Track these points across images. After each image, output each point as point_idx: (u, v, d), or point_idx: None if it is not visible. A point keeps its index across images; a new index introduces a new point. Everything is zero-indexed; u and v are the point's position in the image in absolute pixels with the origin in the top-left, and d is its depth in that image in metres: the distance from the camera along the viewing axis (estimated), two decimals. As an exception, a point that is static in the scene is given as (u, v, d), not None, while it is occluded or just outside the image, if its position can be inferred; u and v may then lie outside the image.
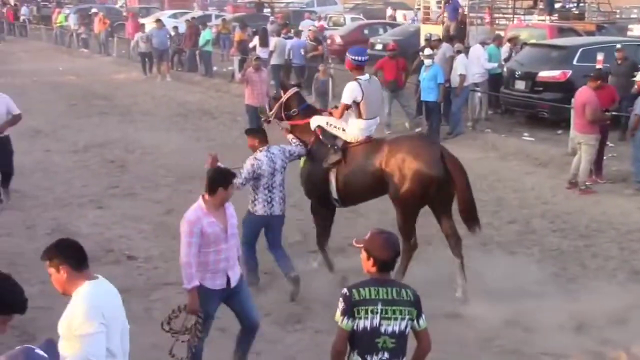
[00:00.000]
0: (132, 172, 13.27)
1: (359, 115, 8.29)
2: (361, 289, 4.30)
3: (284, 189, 8.06)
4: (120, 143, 15.55)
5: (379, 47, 25.48)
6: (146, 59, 25.54)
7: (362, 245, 4.43)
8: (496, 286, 8.10)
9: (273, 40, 21.72)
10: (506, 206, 11.37)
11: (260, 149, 7.88)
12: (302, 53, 20.63)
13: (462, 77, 15.51)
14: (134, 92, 22.74)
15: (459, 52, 16.12)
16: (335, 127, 8.42)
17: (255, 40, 22.65)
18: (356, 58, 8.38)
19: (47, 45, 37.03)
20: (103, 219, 10.68)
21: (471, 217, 8.10)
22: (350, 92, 8.27)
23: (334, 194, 8.38)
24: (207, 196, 6.00)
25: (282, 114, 8.81)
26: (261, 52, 20.47)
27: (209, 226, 5.92)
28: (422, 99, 15.67)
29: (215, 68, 25.62)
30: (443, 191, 7.94)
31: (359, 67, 8.41)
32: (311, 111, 8.87)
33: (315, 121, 8.57)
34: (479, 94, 16.61)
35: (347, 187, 8.30)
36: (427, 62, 15.44)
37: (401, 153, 7.95)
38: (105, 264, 8.87)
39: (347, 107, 8.34)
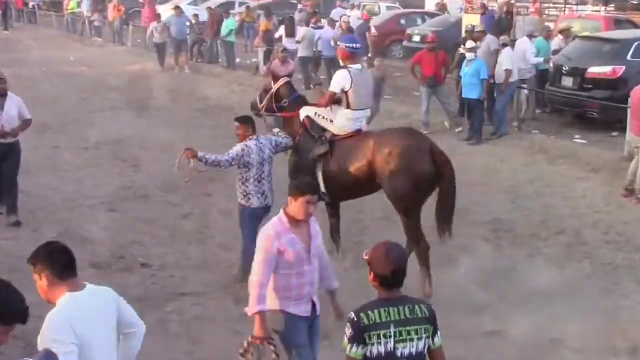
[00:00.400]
0: (147, 172, 13.34)
1: (347, 106, 8.68)
2: (370, 312, 4.20)
3: (272, 180, 8.58)
4: (134, 140, 15.66)
5: (416, 38, 25.47)
6: (161, 51, 25.59)
7: (367, 258, 4.36)
8: (542, 302, 8.05)
9: (301, 31, 21.75)
10: (555, 215, 11.28)
11: (250, 137, 8.44)
12: (333, 44, 20.63)
13: (508, 73, 15.42)
14: (150, 85, 22.88)
15: (504, 45, 16.04)
16: (323, 118, 8.82)
17: (282, 30, 22.74)
18: (350, 46, 8.85)
19: (57, 33, 37.46)
20: (115, 222, 10.76)
21: (448, 218, 8.44)
22: (340, 80, 8.70)
23: (322, 188, 8.61)
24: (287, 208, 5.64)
25: (274, 106, 9.25)
26: (288, 43, 20.52)
27: (289, 244, 5.53)
28: (463, 96, 15.68)
29: (238, 60, 25.72)
30: (430, 187, 8.29)
31: (352, 56, 8.83)
32: (302, 102, 9.28)
33: (304, 112, 8.98)
34: (525, 91, 16.51)
35: (333, 182, 8.65)
36: (469, 55, 15.43)
37: (388, 148, 8.25)
38: (117, 271, 8.97)
39: (335, 95, 8.75)
